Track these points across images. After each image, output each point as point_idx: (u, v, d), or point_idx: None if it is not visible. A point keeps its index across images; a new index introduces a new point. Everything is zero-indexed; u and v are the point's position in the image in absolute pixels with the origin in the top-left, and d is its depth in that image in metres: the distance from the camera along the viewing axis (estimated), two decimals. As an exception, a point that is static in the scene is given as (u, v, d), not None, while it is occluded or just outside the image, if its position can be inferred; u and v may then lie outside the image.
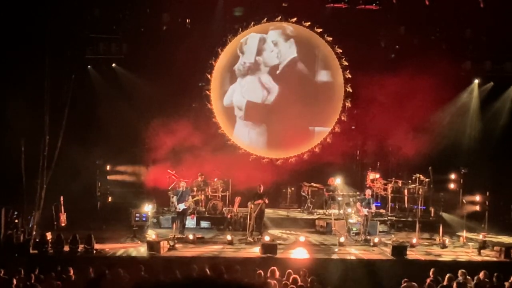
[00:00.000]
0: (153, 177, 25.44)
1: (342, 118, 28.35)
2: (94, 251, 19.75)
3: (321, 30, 27.78)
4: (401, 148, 27.18)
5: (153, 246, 19.93)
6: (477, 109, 28.15)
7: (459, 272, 16.09)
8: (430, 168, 25.71)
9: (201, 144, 25.91)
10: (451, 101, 27.93)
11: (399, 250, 20.26)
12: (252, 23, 27.56)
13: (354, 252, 20.94)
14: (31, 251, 19.60)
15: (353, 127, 28.50)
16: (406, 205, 26.14)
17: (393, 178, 26.51)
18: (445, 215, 25.04)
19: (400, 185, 26.20)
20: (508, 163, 26.16)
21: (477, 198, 25.16)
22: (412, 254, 20.56)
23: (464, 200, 24.76)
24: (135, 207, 23.53)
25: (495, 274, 15.93)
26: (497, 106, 28.06)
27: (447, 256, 20.77)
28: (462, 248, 21.96)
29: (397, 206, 26.33)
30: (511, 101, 27.91)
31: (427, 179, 25.57)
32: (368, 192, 23.29)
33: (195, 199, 24.10)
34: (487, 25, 26.09)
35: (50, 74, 21.84)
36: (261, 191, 22.72)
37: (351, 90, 28.09)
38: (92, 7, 25.84)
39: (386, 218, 25.12)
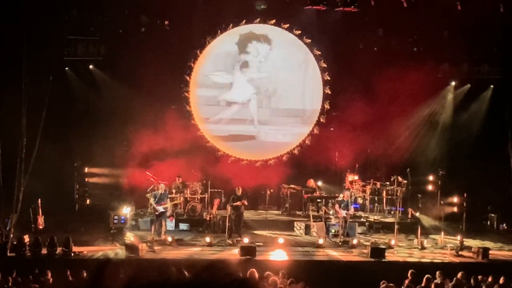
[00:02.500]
0: (131, 180, 25.36)
1: (321, 120, 28.42)
2: (72, 254, 19.64)
3: (299, 32, 27.82)
4: (380, 150, 27.31)
5: (131, 248, 19.85)
6: (454, 111, 28.30)
7: (437, 273, 16.18)
8: (408, 170, 25.91)
9: (179, 146, 25.84)
10: (428, 102, 28.10)
11: (377, 251, 20.35)
12: (231, 25, 27.55)
13: (332, 254, 21.00)
14: (8, 254, 19.46)
15: (331, 129, 28.53)
16: (384, 207, 26.29)
17: (372, 180, 26.67)
18: (422, 217, 25.09)
19: (378, 186, 26.35)
20: (485, 164, 26.34)
21: (455, 199, 25.33)
22: (390, 256, 20.64)
23: (442, 202, 24.89)
24: (113, 210, 23.48)
25: (474, 276, 16.03)
26: (474, 108, 28.22)
27: (425, 257, 20.87)
28: (440, 249, 22.08)
29: (375, 208, 26.46)
30: (488, 103, 28.07)
31: (405, 181, 25.74)
32: (346, 193, 23.35)
33: (174, 202, 24.04)
34: (464, 28, 26.26)
35: (28, 75, 21.70)
36: (240, 193, 22.72)
37: (329, 92, 28.16)
38: (70, 8, 25.70)
39: (364, 220, 25.20)
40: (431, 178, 26.20)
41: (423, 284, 15.47)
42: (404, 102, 25.99)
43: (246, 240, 21.11)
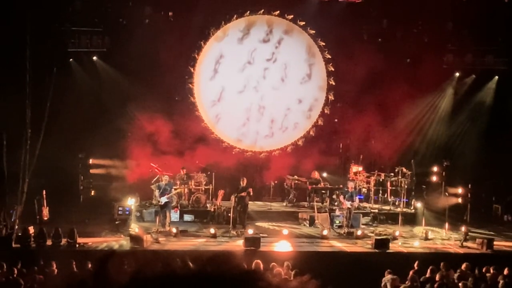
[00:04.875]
0: (136, 171, 25.37)
1: (325, 111, 28.36)
2: (77, 245, 19.69)
3: (304, 23, 27.75)
4: (384, 141, 27.29)
5: (136, 239, 19.89)
6: (458, 102, 28.26)
7: (442, 264, 16.19)
8: (412, 161, 25.86)
9: (184, 137, 25.87)
10: (433, 94, 28.09)
11: (381, 242, 20.36)
12: (235, 16, 27.49)
13: (337, 245, 21.03)
14: (13, 245, 19.50)
15: (336, 120, 28.53)
16: (389, 198, 26.27)
17: (376, 171, 26.63)
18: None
19: (382, 178, 26.33)
20: (490, 155, 26.35)
21: (459, 190, 25.29)
22: (394, 247, 20.65)
23: (446, 193, 24.85)
24: (118, 201, 23.50)
25: (478, 268, 16.04)
26: (479, 98, 28.18)
27: (429, 248, 20.87)
28: (445, 240, 22.07)
29: (380, 199, 26.45)
30: (493, 94, 28.03)
31: (410, 172, 25.70)
32: (351, 185, 23.38)
33: (176, 191, 24.03)
34: (468, 18, 26.18)
35: (32, 67, 21.70)
36: (244, 184, 22.75)
37: (334, 83, 28.09)
38: (74, 0, 25.71)
39: (369, 211, 25.20)
40: (435, 169, 26.13)
41: (427, 275, 15.48)
42: (408, 93, 26.00)
43: (250, 231, 21.15)
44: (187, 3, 26.44)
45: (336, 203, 24.91)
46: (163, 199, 22.13)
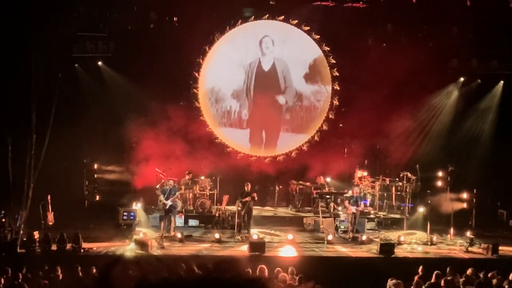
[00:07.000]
0: (140, 176, 25.38)
1: (330, 116, 28.33)
2: (82, 250, 19.72)
3: (308, 28, 27.74)
4: (389, 146, 27.27)
5: (141, 244, 19.90)
6: (463, 106, 28.20)
7: (448, 268, 16.16)
8: (417, 166, 25.81)
9: (188, 142, 25.88)
10: (438, 98, 28.04)
11: (387, 247, 20.35)
12: (240, 21, 27.50)
13: (342, 250, 21.00)
14: (18, 250, 19.55)
15: (340, 125, 28.50)
16: (394, 203, 26.22)
17: (381, 176, 26.60)
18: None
19: (387, 183, 26.28)
20: (495, 160, 26.31)
21: (464, 195, 25.24)
22: (399, 252, 20.64)
23: (451, 198, 24.80)
24: (123, 206, 23.52)
25: (483, 273, 15.99)
26: (484, 103, 28.13)
27: (434, 253, 20.84)
28: (450, 245, 22.04)
29: (385, 204, 26.41)
30: (498, 99, 27.98)
31: (415, 177, 25.66)
32: (356, 190, 23.36)
33: (180, 192, 23.99)
34: (473, 23, 26.17)
35: (37, 72, 21.73)
36: (249, 189, 22.75)
37: (338, 88, 28.07)
38: (78, 5, 25.74)
39: (374, 216, 25.17)
40: (440, 174, 26.11)
41: (432, 280, 15.44)
42: (413, 98, 26.01)
43: (255, 236, 21.15)
44: (192, 8, 26.42)
45: (340, 208, 24.90)
46: (168, 202, 22.17)
